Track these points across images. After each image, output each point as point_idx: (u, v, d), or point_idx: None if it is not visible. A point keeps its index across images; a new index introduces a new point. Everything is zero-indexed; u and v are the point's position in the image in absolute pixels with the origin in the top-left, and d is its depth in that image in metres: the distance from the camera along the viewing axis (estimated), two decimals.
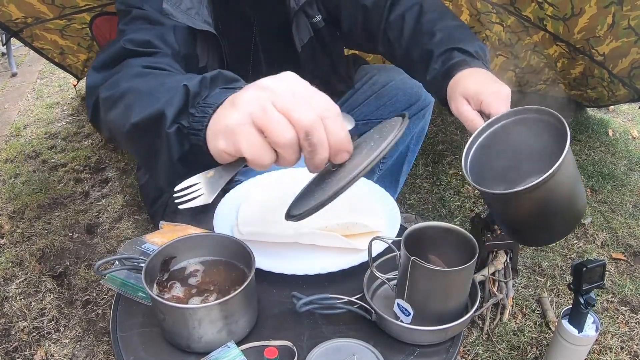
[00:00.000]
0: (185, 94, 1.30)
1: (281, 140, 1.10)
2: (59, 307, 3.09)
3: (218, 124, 1.19)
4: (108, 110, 1.56)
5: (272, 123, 1.10)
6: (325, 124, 1.13)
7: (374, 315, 1.55)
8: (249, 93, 1.15)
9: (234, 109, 1.14)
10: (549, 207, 1.52)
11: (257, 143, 1.12)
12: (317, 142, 1.12)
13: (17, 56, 7.19)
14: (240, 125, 1.12)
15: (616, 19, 3.66)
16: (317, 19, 2.44)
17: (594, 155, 4.57)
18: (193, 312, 1.37)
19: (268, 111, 1.10)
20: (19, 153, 4.83)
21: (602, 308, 3.01)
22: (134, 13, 2.00)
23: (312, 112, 1.11)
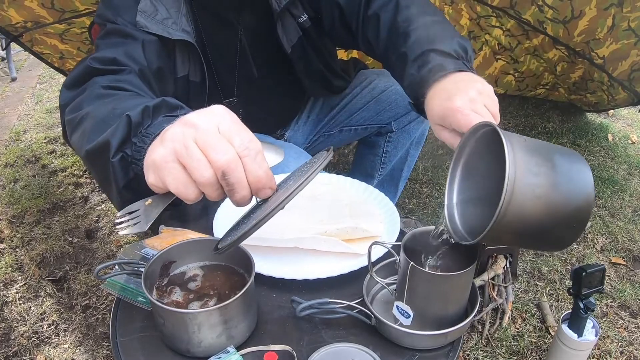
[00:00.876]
0: (128, 123, 1.33)
1: (200, 179, 1.13)
2: (58, 311, 3.09)
3: (148, 157, 1.22)
4: (71, 132, 1.60)
5: (192, 161, 1.12)
6: (244, 163, 1.15)
7: (373, 320, 1.55)
8: (175, 129, 1.18)
9: (161, 144, 1.18)
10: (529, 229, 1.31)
11: (181, 179, 1.15)
12: (235, 181, 1.14)
13: (16, 61, 7.20)
14: (165, 161, 1.15)
15: (616, 21, 3.67)
16: (303, 19, 2.41)
17: (594, 159, 4.57)
18: (193, 317, 1.37)
19: (189, 148, 1.13)
20: (18, 158, 4.83)
21: (602, 313, 3.01)
22: (107, 28, 2.03)
23: (231, 151, 1.13)
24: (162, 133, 1.22)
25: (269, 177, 1.19)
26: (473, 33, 4.68)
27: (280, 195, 1.21)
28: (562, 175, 1.30)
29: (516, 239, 1.37)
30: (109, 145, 1.34)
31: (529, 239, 1.37)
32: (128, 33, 2.01)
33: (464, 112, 1.51)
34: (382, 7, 2.11)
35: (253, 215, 1.27)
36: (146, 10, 2.07)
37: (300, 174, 1.28)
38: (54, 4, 3.93)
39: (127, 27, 2.03)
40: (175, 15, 2.14)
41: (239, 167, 1.14)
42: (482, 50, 4.84)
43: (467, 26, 4.62)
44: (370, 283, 1.68)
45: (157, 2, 2.11)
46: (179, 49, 2.20)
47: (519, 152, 1.26)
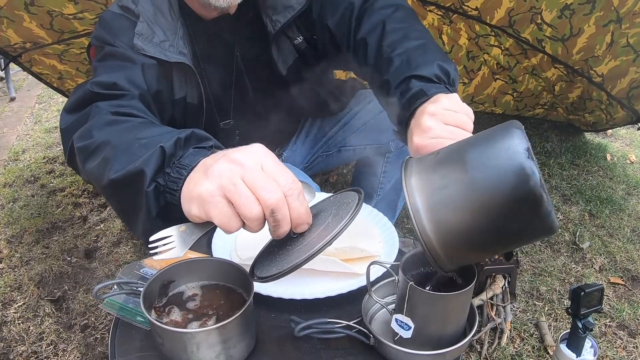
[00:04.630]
0: (162, 154, 1.38)
1: (248, 215, 1.21)
2: (57, 331, 3.09)
3: (192, 190, 1.28)
4: (85, 160, 1.63)
5: (241, 198, 1.20)
6: (289, 202, 1.24)
7: (372, 340, 1.55)
8: (221, 165, 1.24)
9: (207, 179, 1.24)
10: (480, 239, 1.29)
11: (226, 213, 1.22)
12: (281, 218, 1.23)
13: (15, 81, 7.21)
14: (212, 196, 1.21)
15: (615, 37, 3.68)
16: (298, 41, 2.43)
17: (592, 179, 4.58)
18: (191, 337, 1.38)
19: (238, 186, 1.20)
20: (17, 177, 4.83)
21: (600, 332, 3.01)
22: (106, 50, 2.05)
23: (278, 191, 1.22)
24: (205, 167, 1.28)
25: (308, 214, 1.29)
26: (472, 53, 4.69)
27: (321, 236, 1.33)
28: (476, 169, 1.25)
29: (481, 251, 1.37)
30: (142, 174, 1.38)
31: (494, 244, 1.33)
32: (127, 56, 2.03)
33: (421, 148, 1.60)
34: (370, 31, 2.12)
35: (290, 247, 1.37)
36: (143, 33, 2.09)
37: (332, 216, 1.40)
38: (52, 24, 3.95)
39: (126, 50, 2.05)
40: (172, 37, 2.16)
41: (285, 205, 1.23)
42: (481, 70, 4.86)
43: (465, 46, 4.63)
44: (369, 303, 1.69)
45: (154, 25, 2.12)
46: (176, 71, 2.21)
47: (418, 175, 1.32)
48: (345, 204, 1.44)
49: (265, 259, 1.44)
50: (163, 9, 2.16)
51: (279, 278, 1.33)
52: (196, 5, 2.23)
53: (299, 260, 1.29)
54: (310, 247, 1.31)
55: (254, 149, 1.28)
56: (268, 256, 1.44)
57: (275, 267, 1.34)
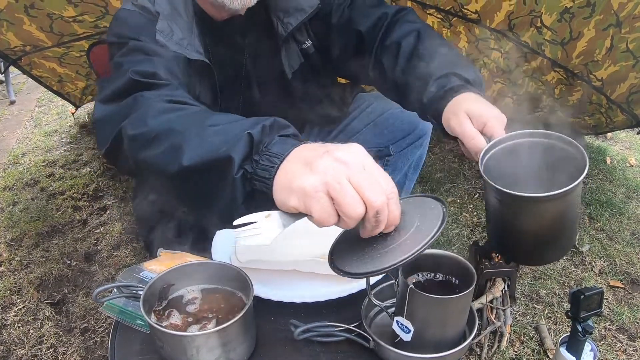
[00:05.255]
0: (250, 141, 1.37)
1: (352, 214, 1.23)
2: (57, 334, 3.09)
3: (292, 181, 1.28)
4: (141, 148, 1.59)
5: (346, 197, 1.22)
6: (389, 204, 1.28)
7: (372, 343, 1.56)
8: (326, 162, 1.25)
9: (311, 173, 1.25)
10: (564, 219, 1.67)
11: (327, 209, 1.24)
12: (382, 219, 1.28)
13: (15, 84, 7.20)
14: (316, 191, 1.23)
15: (614, 42, 3.68)
16: (306, 45, 2.46)
17: (592, 183, 4.58)
18: (191, 340, 1.38)
19: (344, 186, 1.22)
20: (17, 181, 4.83)
21: (600, 336, 3.01)
22: (130, 45, 2.01)
23: (383, 193, 1.26)
24: (306, 160, 1.29)
25: (399, 218, 1.34)
26: (471, 56, 4.68)
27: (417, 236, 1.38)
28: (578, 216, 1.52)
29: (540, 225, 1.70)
30: (230, 161, 1.37)
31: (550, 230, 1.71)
32: (154, 50, 2.00)
33: (504, 125, 1.85)
34: (403, 36, 2.21)
35: (386, 247, 1.39)
36: (163, 30, 2.08)
37: (418, 221, 1.44)
38: (52, 27, 3.95)
39: (151, 45, 2.03)
40: (189, 36, 2.16)
41: (387, 209, 1.27)
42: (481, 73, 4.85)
43: (465, 49, 4.62)
44: (369, 306, 1.69)
45: (172, 23, 2.12)
46: (193, 69, 2.20)
47: None
48: (429, 209, 1.48)
49: (349, 254, 1.44)
50: (179, 8, 2.17)
51: (374, 275, 1.42)
52: (208, 6, 2.24)
53: (401, 259, 1.33)
54: (406, 248, 1.35)
55: (356, 148, 1.31)
56: (353, 252, 1.44)
57: (369, 265, 1.36)
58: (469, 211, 4.16)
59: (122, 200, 4.44)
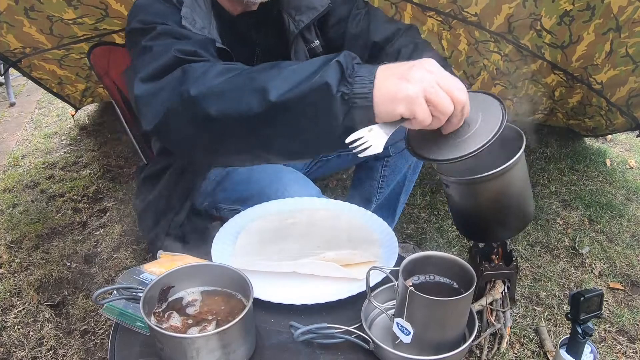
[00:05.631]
0: (340, 67, 1.52)
1: (446, 111, 1.50)
2: (57, 336, 3.09)
3: (395, 93, 1.49)
4: (213, 103, 1.63)
5: (441, 99, 1.49)
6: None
7: (371, 345, 1.55)
8: (418, 73, 1.50)
9: (409, 83, 1.48)
10: (505, 198, 1.88)
11: (427, 110, 1.49)
12: (466, 112, 1.58)
13: (15, 86, 7.20)
14: (417, 96, 1.47)
15: (614, 47, 3.68)
16: (315, 44, 2.52)
17: (592, 185, 4.58)
18: (191, 342, 1.38)
19: (437, 89, 1.49)
20: (17, 183, 4.83)
21: (600, 338, 3.01)
22: (159, 29, 2.00)
23: (465, 92, 1.54)
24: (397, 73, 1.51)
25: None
26: (471, 58, 4.69)
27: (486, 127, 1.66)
28: (529, 190, 1.99)
29: (490, 204, 1.91)
30: (327, 86, 1.50)
31: (499, 207, 1.93)
32: (183, 34, 2.00)
33: None
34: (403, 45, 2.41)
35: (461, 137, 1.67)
36: (187, 17, 2.11)
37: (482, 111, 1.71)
38: (52, 30, 3.96)
39: (179, 29, 2.03)
40: (209, 26, 2.19)
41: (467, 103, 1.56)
42: (481, 75, 4.86)
43: (465, 51, 4.63)
44: (369, 308, 1.69)
45: (194, 13, 2.15)
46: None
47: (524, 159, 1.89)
48: (488, 105, 1.73)
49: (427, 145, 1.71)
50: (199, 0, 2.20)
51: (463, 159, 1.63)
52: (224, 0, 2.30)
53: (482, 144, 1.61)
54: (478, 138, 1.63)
55: (433, 60, 1.56)
56: (431, 145, 1.71)
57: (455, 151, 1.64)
58: None
59: (122, 202, 4.44)
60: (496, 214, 1.95)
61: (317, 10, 2.43)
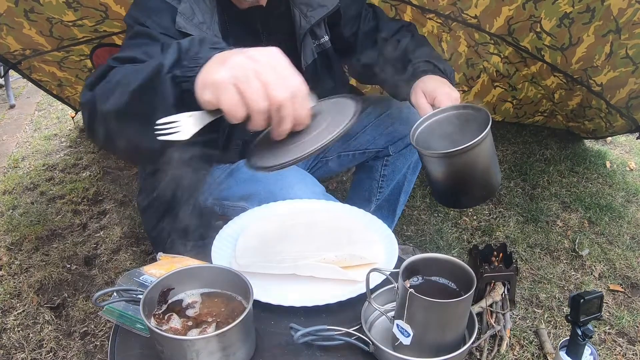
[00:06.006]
0: (178, 49, 1.54)
1: (255, 107, 1.38)
2: (57, 338, 3.09)
3: (207, 77, 1.44)
4: (105, 101, 1.69)
5: (251, 90, 1.37)
6: (294, 103, 1.42)
7: (371, 347, 1.55)
8: (238, 58, 1.41)
9: (223, 67, 1.41)
10: (470, 170, 2.14)
11: (235, 100, 1.39)
12: (285, 115, 1.42)
13: (15, 88, 7.20)
14: (225, 83, 1.38)
15: (614, 48, 3.68)
16: (325, 39, 2.61)
17: (592, 187, 4.58)
18: (191, 344, 1.38)
19: (250, 79, 1.38)
20: (17, 185, 4.83)
21: (600, 340, 3.01)
22: (136, 29, 2.12)
23: (287, 90, 1.41)
24: (223, 58, 1.44)
25: (308, 117, 1.49)
26: (471, 60, 4.70)
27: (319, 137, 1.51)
28: (496, 164, 2.27)
29: (460, 174, 2.19)
30: (161, 66, 1.51)
31: (467, 177, 2.21)
32: (155, 36, 2.09)
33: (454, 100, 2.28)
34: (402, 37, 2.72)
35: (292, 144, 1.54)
36: (185, 13, 2.18)
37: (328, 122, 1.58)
38: (52, 32, 3.96)
39: (154, 31, 2.11)
40: (210, 21, 2.25)
41: (291, 104, 1.41)
42: (480, 77, 4.86)
43: (465, 53, 4.63)
44: (369, 310, 1.69)
45: (195, 7, 2.22)
46: None
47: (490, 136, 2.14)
48: (345, 108, 1.62)
49: (265, 152, 1.57)
50: None
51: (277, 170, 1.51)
52: None
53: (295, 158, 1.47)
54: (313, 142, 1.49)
55: (271, 49, 1.47)
56: (267, 151, 1.57)
57: (275, 159, 1.50)
58: (469, 215, 4.16)
59: (122, 204, 4.44)
60: (463, 184, 2.23)
61: (328, 8, 2.52)
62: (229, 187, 2.58)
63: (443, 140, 2.20)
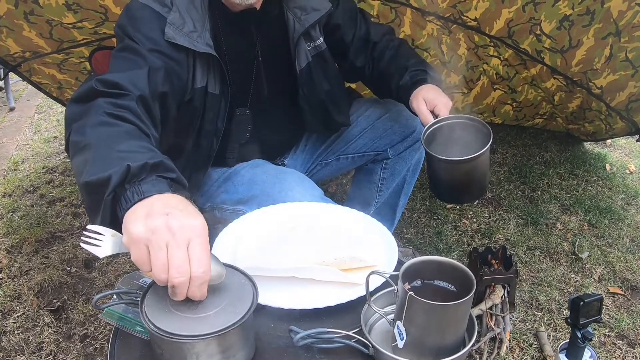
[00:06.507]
0: (127, 171, 1.51)
1: (157, 275, 1.37)
2: (56, 341, 3.09)
3: (129, 222, 1.43)
4: (74, 155, 1.75)
5: (157, 261, 1.37)
6: (191, 284, 1.40)
7: (371, 350, 1.55)
8: (158, 223, 1.39)
9: (143, 225, 1.40)
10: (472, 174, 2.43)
11: (143, 258, 1.39)
12: (178, 293, 1.40)
13: (15, 90, 7.21)
14: (138, 241, 1.38)
15: (614, 51, 3.68)
16: (320, 41, 2.63)
17: (591, 189, 4.58)
18: (191, 346, 1.38)
19: (160, 250, 1.37)
20: (16, 187, 4.84)
21: (599, 342, 3.01)
22: (125, 43, 2.16)
23: (185, 275, 1.38)
24: (149, 212, 1.43)
25: (202, 296, 1.45)
26: (471, 63, 4.69)
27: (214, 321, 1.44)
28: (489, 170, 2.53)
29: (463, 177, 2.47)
30: (108, 183, 1.51)
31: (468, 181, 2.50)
32: (141, 54, 2.12)
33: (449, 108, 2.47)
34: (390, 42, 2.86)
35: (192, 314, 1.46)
36: (175, 23, 2.20)
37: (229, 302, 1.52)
38: (52, 34, 3.96)
39: (142, 47, 2.14)
40: (201, 29, 2.26)
41: (186, 287, 1.40)
42: (480, 80, 4.86)
43: (465, 56, 4.63)
44: (368, 312, 1.69)
45: (186, 15, 2.24)
46: (199, 61, 2.30)
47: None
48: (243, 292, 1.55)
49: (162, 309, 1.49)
50: (195, 2, 2.28)
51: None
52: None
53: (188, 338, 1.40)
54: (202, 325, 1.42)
55: (194, 223, 1.44)
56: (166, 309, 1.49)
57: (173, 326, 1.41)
58: (469, 218, 4.16)
59: None
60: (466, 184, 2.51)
61: (321, 12, 2.55)
62: (227, 191, 2.59)
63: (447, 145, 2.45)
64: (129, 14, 2.24)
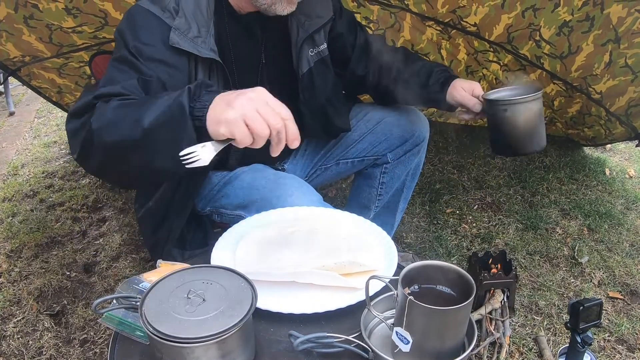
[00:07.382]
0: (189, 92, 1.84)
1: (260, 133, 1.72)
2: (56, 346, 3.09)
3: (219, 116, 1.76)
4: (107, 134, 1.91)
5: (256, 123, 1.71)
6: (287, 125, 1.77)
7: (371, 354, 1.55)
8: (241, 100, 1.74)
9: (232, 109, 1.73)
10: (535, 117, 2.57)
11: (245, 132, 1.72)
12: (283, 137, 1.76)
13: (14, 95, 7.21)
14: (236, 120, 1.71)
15: (613, 57, 3.68)
16: (323, 47, 2.67)
17: (591, 194, 4.58)
18: (190, 351, 1.38)
19: (254, 115, 1.72)
20: (16, 192, 4.84)
21: (599, 347, 3.00)
22: (122, 53, 2.20)
23: (281, 119, 1.75)
24: (227, 101, 1.77)
25: (298, 134, 1.81)
26: (470, 68, 4.70)
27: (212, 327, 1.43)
28: None
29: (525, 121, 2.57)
30: (182, 106, 1.81)
31: (531, 125, 2.59)
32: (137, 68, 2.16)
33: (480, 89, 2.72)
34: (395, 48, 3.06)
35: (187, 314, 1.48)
36: (180, 28, 2.24)
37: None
38: (52, 38, 3.96)
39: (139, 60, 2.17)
40: (205, 34, 2.29)
41: (284, 129, 1.76)
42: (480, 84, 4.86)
43: (464, 61, 4.64)
44: (368, 317, 1.69)
45: (191, 20, 2.27)
46: (201, 65, 2.32)
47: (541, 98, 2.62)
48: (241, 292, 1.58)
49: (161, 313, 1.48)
50: (202, 6, 2.31)
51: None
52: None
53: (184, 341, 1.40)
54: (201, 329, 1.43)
55: (260, 90, 1.80)
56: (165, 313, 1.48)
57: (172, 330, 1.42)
58: (468, 222, 4.16)
59: (122, 211, 4.44)
60: (529, 128, 2.59)
61: (324, 19, 2.63)
62: (226, 195, 2.59)
63: None
64: (130, 19, 2.25)
